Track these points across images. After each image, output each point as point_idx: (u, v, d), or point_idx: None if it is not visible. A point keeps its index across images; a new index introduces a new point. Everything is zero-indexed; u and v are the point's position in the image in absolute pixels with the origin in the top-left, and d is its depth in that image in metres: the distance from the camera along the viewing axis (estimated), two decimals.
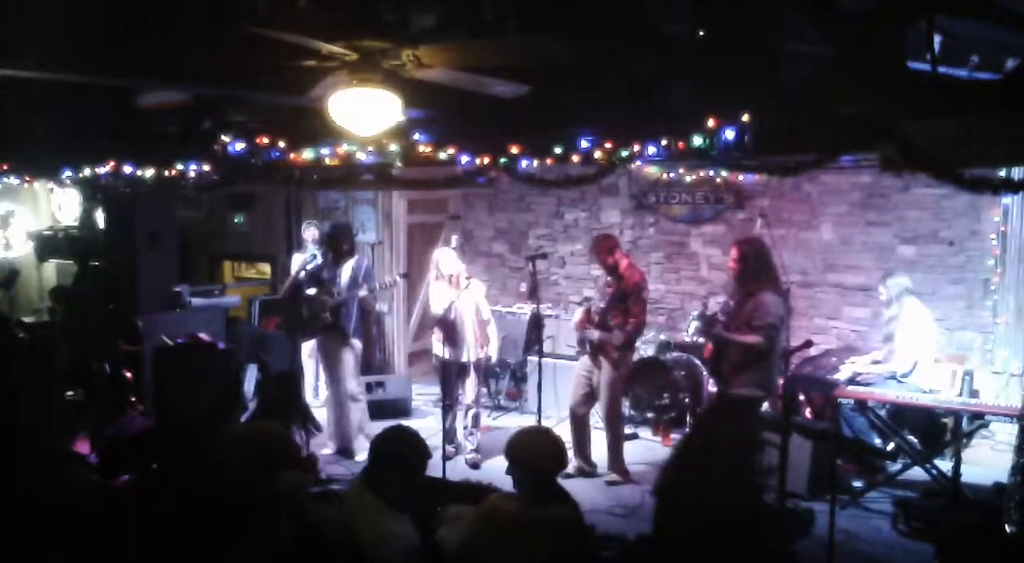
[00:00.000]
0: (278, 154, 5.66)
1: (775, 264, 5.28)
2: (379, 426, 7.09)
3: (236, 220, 9.51)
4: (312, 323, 6.47)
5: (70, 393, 5.86)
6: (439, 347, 6.42)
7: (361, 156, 5.72)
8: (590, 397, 6.13)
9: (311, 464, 5.67)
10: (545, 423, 5.76)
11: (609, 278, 6.03)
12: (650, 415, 7.28)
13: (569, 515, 3.13)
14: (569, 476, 6.12)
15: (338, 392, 6.58)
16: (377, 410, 7.16)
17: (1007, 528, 4.54)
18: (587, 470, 6.20)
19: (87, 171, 6.68)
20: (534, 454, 3.18)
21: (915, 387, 5.84)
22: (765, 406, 5.51)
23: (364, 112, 3.94)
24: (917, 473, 5.58)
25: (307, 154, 5.70)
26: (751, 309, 4.95)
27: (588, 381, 6.09)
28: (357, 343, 6.58)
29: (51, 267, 10.10)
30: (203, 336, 6.78)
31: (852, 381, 6.02)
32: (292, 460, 2.85)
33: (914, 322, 5.92)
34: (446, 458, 6.00)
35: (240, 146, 5.63)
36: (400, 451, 3.09)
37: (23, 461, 3.13)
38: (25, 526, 2.96)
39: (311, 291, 6.50)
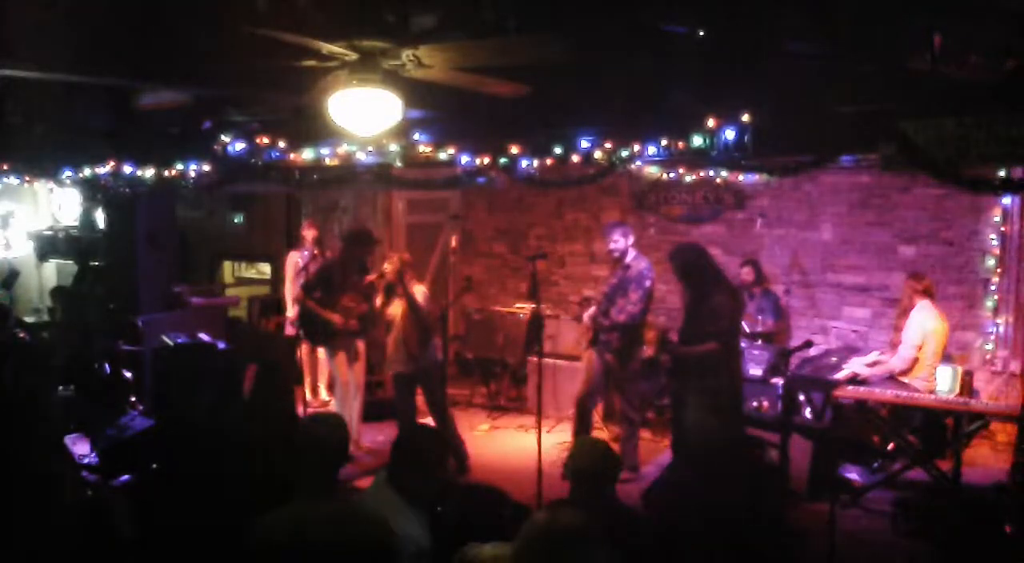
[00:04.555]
0: (278, 154, 5.66)
1: (715, 264, 5.27)
2: (378, 426, 7.10)
3: (236, 220, 9.51)
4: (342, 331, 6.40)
5: (68, 391, 5.87)
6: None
7: (361, 156, 5.72)
8: (597, 391, 6.10)
9: None
10: (545, 424, 5.76)
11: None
12: (650, 415, 7.28)
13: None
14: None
15: (349, 385, 6.55)
16: (378, 410, 7.16)
17: (1007, 528, 4.54)
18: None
19: (87, 171, 6.68)
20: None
21: (915, 387, 5.84)
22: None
23: (364, 112, 3.94)
24: (917, 473, 5.58)
25: (307, 154, 5.70)
26: (706, 315, 4.95)
27: (596, 375, 6.07)
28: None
29: (51, 267, 10.11)
30: (203, 336, 6.78)
31: (852, 381, 6.02)
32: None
33: (919, 323, 5.92)
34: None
35: (240, 146, 5.63)
36: (419, 449, 3.11)
37: (16, 465, 3.13)
38: (15, 531, 2.96)
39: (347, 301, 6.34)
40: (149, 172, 6.40)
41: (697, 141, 4.65)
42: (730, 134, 4.56)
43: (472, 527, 3.49)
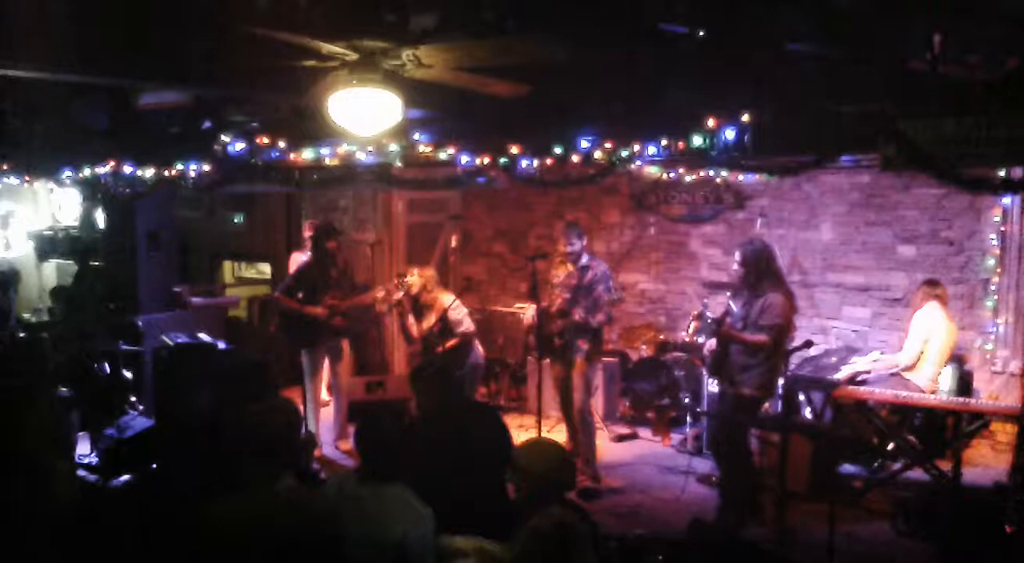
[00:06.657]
0: (278, 154, 5.66)
1: (779, 264, 5.33)
2: None
3: (236, 220, 9.50)
4: (326, 330, 6.52)
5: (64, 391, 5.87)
6: None
7: (361, 156, 5.73)
8: (588, 395, 6.09)
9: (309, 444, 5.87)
10: (544, 423, 5.76)
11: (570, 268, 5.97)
12: (650, 415, 7.29)
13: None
14: None
15: (337, 386, 6.78)
16: (377, 411, 7.17)
17: (1007, 528, 4.54)
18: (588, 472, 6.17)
19: (87, 171, 6.68)
20: (546, 466, 3.12)
21: (916, 384, 5.84)
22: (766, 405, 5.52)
23: (364, 112, 3.94)
24: (917, 473, 5.58)
25: (307, 154, 5.70)
26: (759, 310, 5.00)
27: (563, 383, 6.08)
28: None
29: (51, 267, 10.09)
30: (203, 336, 6.78)
31: (852, 381, 6.02)
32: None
33: (922, 320, 5.92)
34: None
35: (240, 146, 5.63)
36: (396, 436, 3.15)
37: (12, 466, 3.13)
38: (12, 532, 2.95)
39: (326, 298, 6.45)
40: (149, 172, 6.41)
41: (697, 141, 4.66)
42: (730, 134, 4.57)
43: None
